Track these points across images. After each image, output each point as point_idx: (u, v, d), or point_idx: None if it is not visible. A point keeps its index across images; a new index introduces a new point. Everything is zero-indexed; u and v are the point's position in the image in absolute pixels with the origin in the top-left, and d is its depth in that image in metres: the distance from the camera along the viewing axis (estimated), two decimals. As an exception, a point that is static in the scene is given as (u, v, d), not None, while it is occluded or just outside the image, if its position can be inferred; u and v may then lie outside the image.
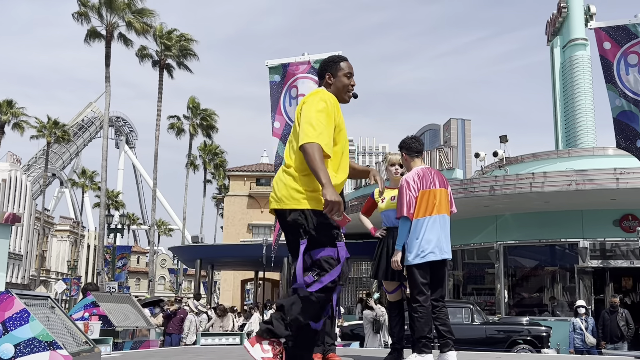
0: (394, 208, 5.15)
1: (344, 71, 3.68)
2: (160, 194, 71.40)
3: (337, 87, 3.68)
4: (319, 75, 3.81)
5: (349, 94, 3.70)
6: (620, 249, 17.25)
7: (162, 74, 36.19)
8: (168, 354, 6.29)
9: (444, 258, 4.88)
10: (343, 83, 3.67)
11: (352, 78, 3.71)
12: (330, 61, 3.74)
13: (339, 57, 3.78)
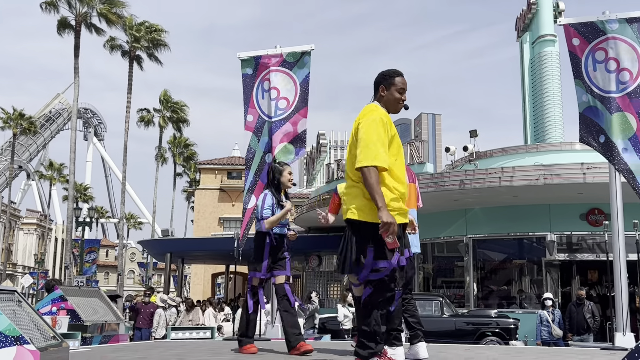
0: None
1: (397, 87, 3.89)
2: (130, 187, 70.70)
3: (388, 99, 3.90)
4: (374, 86, 3.97)
5: (400, 106, 3.91)
6: (587, 243, 17.57)
7: (132, 66, 35.71)
8: (138, 348, 6.24)
9: (413, 252, 4.94)
10: (395, 97, 3.89)
11: (404, 94, 3.93)
12: (386, 74, 3.94)
13: (395, 72, 3.96)
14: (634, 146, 6.63)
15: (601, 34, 6.92)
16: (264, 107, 7.85)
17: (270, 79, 7.80)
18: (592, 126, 6.84)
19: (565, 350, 6.68)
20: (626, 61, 6.81)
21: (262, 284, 5.46)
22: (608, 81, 6.79)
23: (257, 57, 7.98)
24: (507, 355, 5.40)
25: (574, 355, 5.62)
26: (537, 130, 24.19)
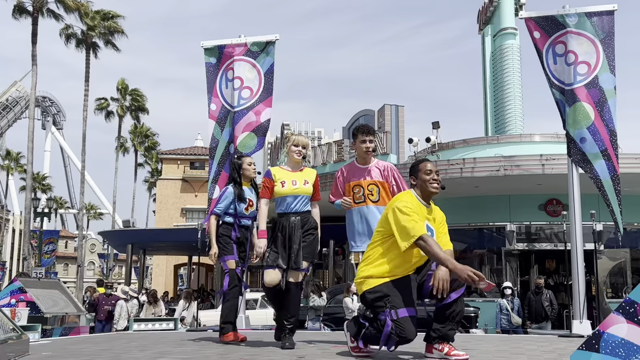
0: (295, 194, 5.12)
1: (423, 169, 4.23)
2: (90, 177, 69.44)
3: (420, 185, 4.23)
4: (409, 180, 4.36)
5: (433, 184, 4.20)
6: (545, 233, 17.95)
7: (89, 53, 35.05)
8: (99, 340, 6.17)
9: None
10: (424, 180, 4.21)
11: (433, 173, 4.24)
12: (412, 166, 4.33)
13: (419, 161, 4.36)
14: (592, 135, 6.80)
15: (561, 28, 7.06)
16: (227, 96, 7.79)
17: (234, 68, 7.74)
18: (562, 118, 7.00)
19: (524, 338, 6.82)
20: (584, 54, 6.96)
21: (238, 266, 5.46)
22: (568, 73, 6.94)
23: (221, 46, 7.91)
24: (468, 343, 5.49)
25: (533, 342, 5.75)
26: (498, 122, 24.55)
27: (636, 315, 2.86)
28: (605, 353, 2.92)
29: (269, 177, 5.15)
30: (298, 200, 5.11)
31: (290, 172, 5.19)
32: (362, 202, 5.34)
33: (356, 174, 5.40)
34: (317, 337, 6.40)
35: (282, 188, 5.11)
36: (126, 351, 4.81)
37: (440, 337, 4.05)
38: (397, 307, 3.90)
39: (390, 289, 3.97)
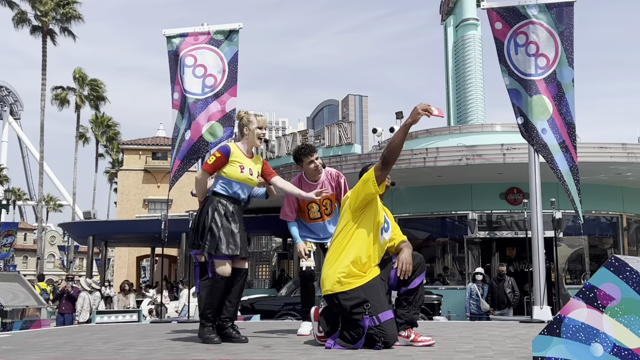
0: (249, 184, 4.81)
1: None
2: (49, 168, 67.99)
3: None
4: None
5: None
6: (506, 221, 18.26)
7: (45, 41, 34.23)
8: (61, 333, 6.07)
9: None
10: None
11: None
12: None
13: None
14: (551, 128, 6.92)
15: (522, 19, 7.14)
16: (185, 82, 7.68)
17: (197, 56, 7.65)
18: (515, 108, 7.08)
19: (487, 324, 6.94)
20: (544, 47, 7.07)
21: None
22: (529, 64, 7.04)
23: (183, 34, 7.80)
24: (432, 330, 5.56)
25: (495, 328, 5.85)
26: (460, 112, 24.82)
27: (596, 300, 2.94)
28: (566, 337, 2.99)
29: (226, 155, 4.67)
30: (247, 190, 4.84)
31: (246, 157, 4.78)
32: (318, 218, 5.35)
33: (309, 191, 5.13)
34: (281, 326, 6.41)
35: (241, 173, 4.69)
36: (89, 344, 4.75)
37: (405, 322, 4.09)
38: (376, 311, 3.90)
39: (367, 292, 3.97)
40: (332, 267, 4.11)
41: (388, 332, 3.89)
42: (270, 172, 4.95)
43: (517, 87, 7.08)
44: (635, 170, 16.18)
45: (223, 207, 4.63)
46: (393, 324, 3.97)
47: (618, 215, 18.52)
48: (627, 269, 2.88)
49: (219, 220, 4.57)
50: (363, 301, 3.92)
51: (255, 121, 4.78)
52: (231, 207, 4.67)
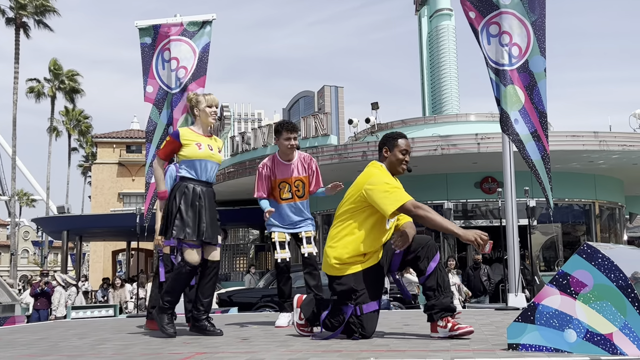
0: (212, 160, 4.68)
1: (400, 147, 4.12)
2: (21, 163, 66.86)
3: (391, 161, 4.14)
4: (378, 148, 4.23)
5: (402, 166, 4.14)
6: (481, 210, 18.44)
7: (18, 33, 33.65)
8: (36, 330, 6.00)
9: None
10: (397, 157, 4.13)
11: (407, 155, 4.15)
12: (389, 137, 4.18)
13: (398, 134, 4.20)
14: (523, 118, 6.99)
15: (494, 9, 7.19)
16: (164, 77, 7.63)
17: (171, 48, 7.58)
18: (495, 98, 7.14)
19: (463, 312, 7.01)
20: (517, 36, 7.12)
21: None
22: (502, 54, 7.09)
23: (156, 25, 7.72)
24: (409, 319, 5.61)
25: (471, 315, 5.91)
26: (435, 102, 24.93)
27: (569, 287, 2.98)
28: (540, 324, 3.03)
29: (176, 138, 4.59)
30: (212, 167, 4.69)
31: (202, 135, 4.67)
32: (290, 198, 5.31)
33: (282, 170, 5.31)
34: (259, 319, 6.41)
35: (200, 150, 4.57)
36: (64, 339, 4.70)
37: (441, 310, 3.82)
38: (362, 302, 3.85)
39: (359, 282, 3.89)
40: (332, 249, 4.01)
41: (367, 326, 3.88)
42: None
43: (493, 78, 7.13)
44: (607, 158, 16.43)
45: (190, 190, 4.54)
46: (374, 317, 3.93)
47: (590, 203, 18.80)
48: (599, 255, 2.93)
49: (184, 206, 4.47)
50: (353, 290, 3.87)
51: (204, 100, 4.72)
52: (199, 189, 4.57)
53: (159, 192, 4.65)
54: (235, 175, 19.58)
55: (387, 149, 4.14)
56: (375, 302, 3.93)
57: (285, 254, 5.19)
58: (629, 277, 2.85)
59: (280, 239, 5.23)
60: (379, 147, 4.21)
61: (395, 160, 4.11)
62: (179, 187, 4.57)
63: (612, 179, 19.27)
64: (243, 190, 21.34)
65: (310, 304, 4.21)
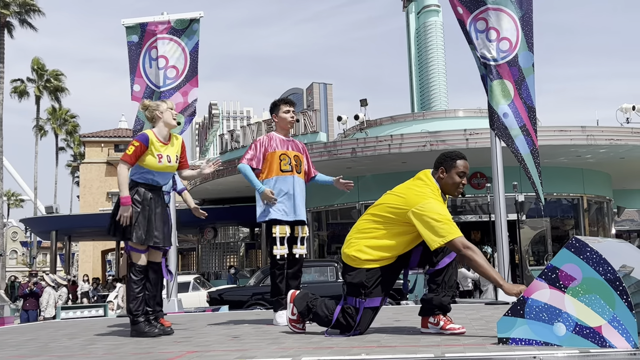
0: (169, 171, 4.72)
1: (459, 170, 3.88)
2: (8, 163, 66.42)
3: (447, 182, 3.90)
4: (435, 165, 3.97)
5: (459, 190, 3.90)
6: (470, 205, 18.51)
7: (2, 33, 33.39)
8: (25, 330, 5.97)
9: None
10: (454, 180, 3.89)
11: (465, 178, 3.93)
12: (448, 156, 3.94)
13: (457, 155, 3.96)
14: (512, 112, 7.01)
15: (481, 4, 7.19)
16: (151, 76, 7.60)
17: (158, 47, 7.54)
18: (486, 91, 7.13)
19: (453, 307, 7.03)
20: (506, 30, 7.13)
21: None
22: (489, 49, 7.10)
23: (143, 24, 7.68)
24: (400, 315, 5.62)
25: (462, 310, 5.93)
26: (423, 98, 25.00)
27: (558, 281, 3.00)
28: (529, 318, 3.05)
29: (144, 143, 4.53)
30: (167, 176, 4.76)
31: (163, 144, 4.64)
32: (289, 171, 5.14)
33: (281, 143, 5.20)
34: (250, 317, 6.41)
35: (159, 163, 4.57)
36: (54, 340, 4.68)
37: (436, 307, 3.81)
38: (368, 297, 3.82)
39: (371, 278, 3.83)
40: (356, 242, 3.93)
41: (362, 320, 3.87)
42: (183, 163, 4.85)
43: (482, 72, 7.14)
44: (595, 153, 16.54)
45: (140, 196, 4.56)
46: (373, 313, 3.93)
47: (579, 197, 18.92)
48: (587, 249, 2.95)
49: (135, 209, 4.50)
50: (362, 285, 3.82)
51: (164, 103, 4.74)
52: (149, 195, 4.60)
53: (122, 197, 4.50)
54: (224, 174, 19.55)
55: (443, 170, 3.92)
56: (379, 299, 3.89)
57: (284, 250, 5.08)
58: (617, 270, 2.87)
59: (281, 234, 5.04)
60: (436, 165, 3.99)
61: (452, 183, 3.89)
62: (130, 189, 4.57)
63: (600, 173, 19.40)
64: (232, 189, 21.32)
65: (304, 298, 4.20)
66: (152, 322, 4.61)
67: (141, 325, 4.49)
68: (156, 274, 4.75)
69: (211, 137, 26.94)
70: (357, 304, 3.86)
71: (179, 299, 7.77)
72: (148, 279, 4.66)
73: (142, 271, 4.58)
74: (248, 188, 21.62)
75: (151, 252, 4.65)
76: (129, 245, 4.56)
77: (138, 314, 4.51)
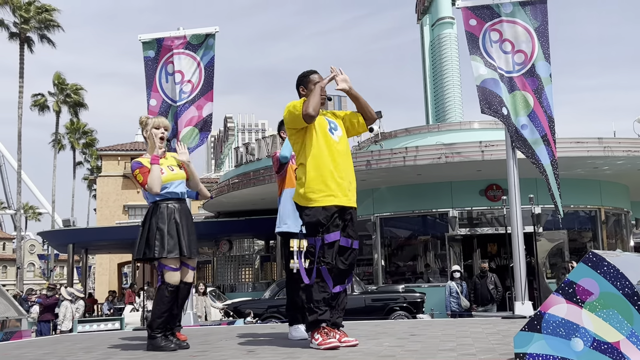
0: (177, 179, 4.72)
1: (314, 82, 4.40)
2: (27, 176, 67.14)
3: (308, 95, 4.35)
4: (297, 90, 4.51)
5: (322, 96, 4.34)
6: (486, 217, 18.39)
7: (22, 48, 33.90)
8: (42, 344, 6.00)
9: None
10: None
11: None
12: (301, 76, 4.50)
13: (309, 72, 4.50)
14: (532, 122, 6.98)
15: (496, 16, 7.21)
16: (168, 91, 7.67)
17: (174, 62, 7.62)
18: (492, 97, 7.07)
19: (470, 321, 6.99)
20: (521, 43, 7.13)
21: None
22: (505, 62, 7.10)
23: (159, 39, 7.77)
24: (416, 329, 5.59)
25: (478, 324, 5.89)
26: (438, 110, 24.93)
27: (575, 295, 2.97)
28: (546, 333, 3.02)
29: (143, 165, 4.62)
30: (179, 184, 4.74)
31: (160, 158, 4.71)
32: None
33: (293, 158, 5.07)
34: (265, 330, 6.40)
35: (163, 174, 4.63)
36: (71, 354, 4.70)
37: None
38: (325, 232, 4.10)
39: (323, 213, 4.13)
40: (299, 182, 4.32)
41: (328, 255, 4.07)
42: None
43: (495, 77, 7.10)
44: (612, 164, 16.40)
45: (164, 211, 4.60)
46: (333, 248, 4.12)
47: (596, 209, 18.74)
48: (604, 264, 2.92)
49: (162, 225, 4.53)
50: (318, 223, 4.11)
51: (151, 122, 4.74)
52: (172, 206, 4.64)
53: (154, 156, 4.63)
54: (239, 186, 19.60)
55: (303, 87, 4.48)
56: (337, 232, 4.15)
57: None
58: (635, 284, 2.84)
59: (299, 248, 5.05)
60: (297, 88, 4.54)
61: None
62: (152, 209, 4.64)
63: (617, 184, 19.21)
64: (248, 201, 21.35)
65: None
66: (169, 336, 4.62)
67: (158, 340, 4.50)
68: (186, 294, 4.74)
69: (226, 150, 27.06)
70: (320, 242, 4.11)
71: (194, 312, 7.79)
72: (176, 299, 4.64)
73: (174, 290, 4.56)
74: (263, 200, 21.67)
75: (183, 270, 4.64)
76: (162, 264, 4.55)
77: (158, 331, 4.52)
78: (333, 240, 4.11)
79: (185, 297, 4.76)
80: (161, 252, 4.49)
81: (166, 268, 4.53)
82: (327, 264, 4.07)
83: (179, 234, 4.56)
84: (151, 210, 4.65)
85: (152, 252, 4.51)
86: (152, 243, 4.51)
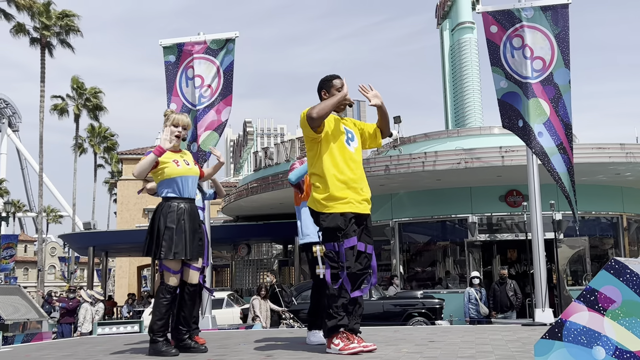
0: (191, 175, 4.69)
1: (336, 87, 4.43)
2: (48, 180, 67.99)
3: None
4: (318, 93, 4.50)
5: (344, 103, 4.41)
6: (506, 223, 18.26)
7: (43, 53, 34.34)
8: (63, 346, 6.05)
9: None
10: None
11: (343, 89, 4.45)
12: (324, 80, 4.51)
13: (332, 76, 4.50)
14: (548, 130, 6.92)
15: (517, 22, 7.16)
16: (188, 95, 7.71)
17: (194, 66, 7.67)
18: (511, 111, 7.06)
19: (489, 328, 6.93)
20: (540, 49, 7.07)
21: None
22: (525, 67, 7.05)
23: (180, 44, 7.82)
24: (434, 335, 5.55)
25: (497, 332, 5.84)
26: (458, 115, 24.83)
27: (597, 303, 2.93)
28: (567, 341, 2.99)
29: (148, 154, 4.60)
30: (193, 181, 4.70)
31: (174, 152, 4.69)
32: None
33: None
34: (282, 334, 6.40)
35: (178, 167, 4.57)
36: (91, 356, 4.74)
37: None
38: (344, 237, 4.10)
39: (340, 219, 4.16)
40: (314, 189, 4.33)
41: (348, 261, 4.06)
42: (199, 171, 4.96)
43: (515, 90, 7.07)
44: (634, 170, 16.20)
45: (174, 209, 4.56)
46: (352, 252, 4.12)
47: (618, 216, 18.52)
48: (627, 271, 2.88)
49: (170, 225, 4.51)
50: (337, 228, 4.12)
51: (172, 118, 4.73)
52: (182, 206, 4.59)
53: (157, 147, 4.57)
54: (258, 191, 19.66)
55: (325, 92, 4.47)
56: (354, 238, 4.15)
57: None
58: (659, 293, 2.79)
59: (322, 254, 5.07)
60: (318, 92, 4.53)
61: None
62: (162, 206, 4.62)
63: (639, 191, 18.98)
64: (266, 205, 21.41)
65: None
66: (187, 340, 4.62)
67: (160, 345, 4.45)
68: (192, 295, 4.70)
69: (245, 154, 27.19)
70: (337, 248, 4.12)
71: (212, 316, 7.81)
72: (184, 301, 4.63)
73: (172, 292, 4.55)
74: (281, 205, 21.72)
75: (186, 271, 4.62)
76: (163, 265, 4.57)
77: (159, 334, 4.48)
78: (352, 244, 4.11)
79: (194, 299, 4.73)
80: (167, 254, 4.48)
81: (166, 269, 4.54)
82: (347, 269, 4.06)
83: (185, 236, 4.54)
84: (161, 207, 4.62)
85: (159, 252, 4.50)
86: (160, 243, 4.50)
